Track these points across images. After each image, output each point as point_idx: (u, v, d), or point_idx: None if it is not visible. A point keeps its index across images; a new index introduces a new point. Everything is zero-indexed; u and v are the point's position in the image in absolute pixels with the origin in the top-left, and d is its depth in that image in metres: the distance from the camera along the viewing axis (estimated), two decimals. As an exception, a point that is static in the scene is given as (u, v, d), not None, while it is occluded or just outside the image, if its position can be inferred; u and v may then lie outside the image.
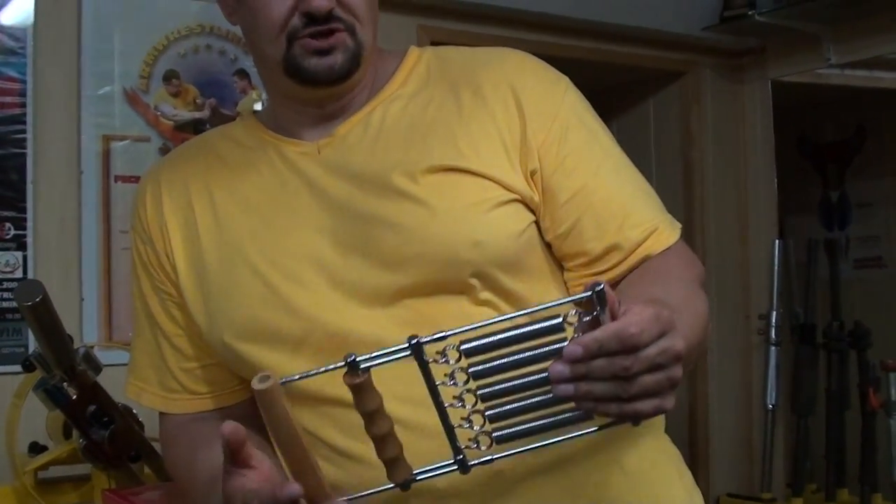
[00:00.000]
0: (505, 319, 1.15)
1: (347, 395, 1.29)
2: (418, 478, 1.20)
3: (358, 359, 1.13)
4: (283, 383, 1.12)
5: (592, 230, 1.42)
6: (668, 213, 1.49)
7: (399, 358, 1.14)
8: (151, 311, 1.56)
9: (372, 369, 1.15)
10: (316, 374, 1.17)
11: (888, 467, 4.09)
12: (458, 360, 1.13)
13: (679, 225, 1.48)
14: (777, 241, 4.42)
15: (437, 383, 1.15)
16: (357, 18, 1.41)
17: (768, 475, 4.37)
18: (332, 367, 1.15)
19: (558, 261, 1.47)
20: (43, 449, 2.37)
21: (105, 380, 2.20)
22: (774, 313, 4.37)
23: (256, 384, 1.11)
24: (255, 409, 1.54)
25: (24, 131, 2.87)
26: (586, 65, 4.00)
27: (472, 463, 1.18)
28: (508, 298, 1.40)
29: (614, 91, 4.53)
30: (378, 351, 1.14)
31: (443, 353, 1.14)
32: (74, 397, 2.14)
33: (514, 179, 1.40)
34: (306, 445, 1.15)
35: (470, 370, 1.13)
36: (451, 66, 1.51)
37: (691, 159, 4.46)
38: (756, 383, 4.48)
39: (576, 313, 1.10)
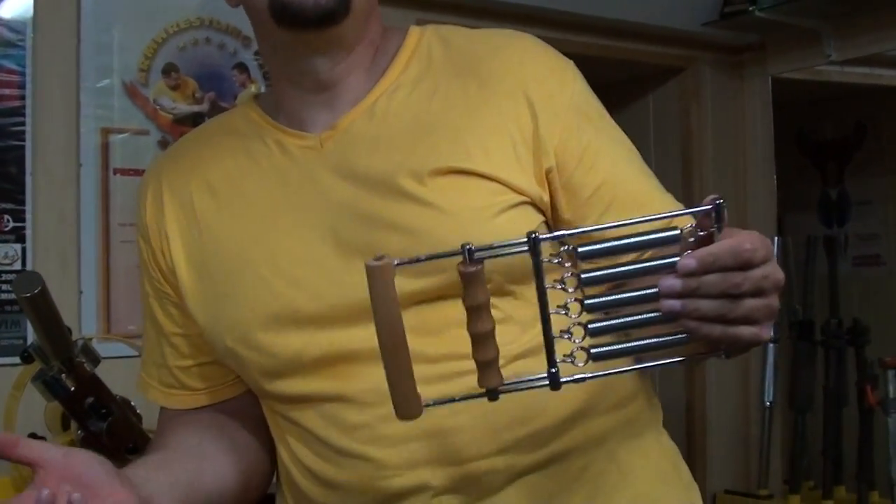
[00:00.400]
0: (623, 225, 1.13)
1: (348, 391, 1.29)
2: (507, 388, 1.15)
3: (473, 248, 1.11)
4: (397, 265, 1.10)
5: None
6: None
7: (516, 252, 1.12)
8: (151, 309, 1.55)
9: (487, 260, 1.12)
10: (431, 258, 1.14)
11: (886, 465, 4.08)
12: (575, 264, 1.11)
13: None
14: (776, 239, 4.42)
15: (546, 286, 1.12)
16: None
17: (765, 472, 4.38)
18: (448, 253, 1.13)
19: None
20: (41, 440, 2.37)
21: (103, 372, 2.20)
22: (772, 310, 4.36)
23: (370, 262, 1.09)
24: (248, 403, 1.55)
25: (23, 123, 2.87)
26: (585, 60, 3.94)
27: (564, 380, 1.13)
28: (511, 300, 1.38)
29: (613, 87, 4.52)
30: (496, 243, 1.13)
31: (557, 254, 1.12)
32: (72, 389, 2.14)
33: (523, 181, 1.38)
34: (405, 334, 1.12)
35: (582, 276, 1.11)
36: (454, 50, 1.47)
37: (690, 155, 4.46)
38: (754, 380, 4.48)
39: (692, 227, 1.10)
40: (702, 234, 1.09)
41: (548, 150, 1.38)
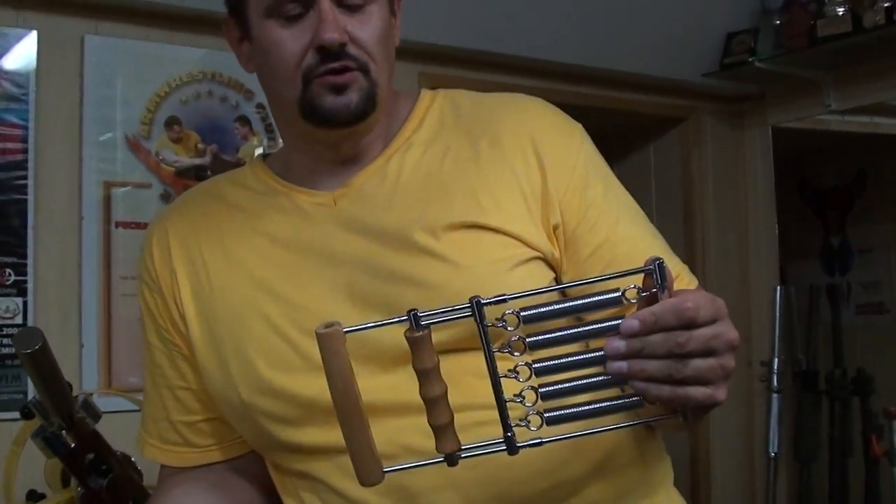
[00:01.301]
0: (565, 287, 1.16)
1: None
2: (465, 454, 1.15)
3: (419, 313, 1.12)
4: (347, 332, 1.11)
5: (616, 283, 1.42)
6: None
7: (460, 317, 1.12)
8: (157, 362, 1.55)
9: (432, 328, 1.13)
10: (376, 325, 1.15)
11: (891, 515, 4.06)
12: (517, 326, 1.12)
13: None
14: (778, 288, 4.41)
15: (493, 350, 1.13)
16: (370, 56, 1.40)
17: (771, 523, 4.35)
18: (393, 320, 1.13)
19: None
20: (41, 497, 2.35)
21: (104, 426, 2.19)
22: (776, 360, 4.35)
23: (320, 329, 1.10)
24: (251, 462, 1.54)
25: (25, 177, 2.87)
26: (587, 110, 3.99)
27: (521, 444, 1.14)
28: (527, 355, 1.39)
29: (615, 136, 4.53)
30: (440, 308, 1.13)
31: (501, 319, 1.12)
32: (73, 445, 2.12)
33: (536, 236, 1.39)
34: (360, 400, 1.13)
35: (527, 340, 1.12)
36: (465, 112, 1.50)
37: (692, 205, 4.46)
38: (758, 430, 4.45)
39: (634, 287, 1.10)
40: (645, 294, 1.09)
41: (555, 207, 1.40)
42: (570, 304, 1.12)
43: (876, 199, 4.87)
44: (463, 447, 1.15)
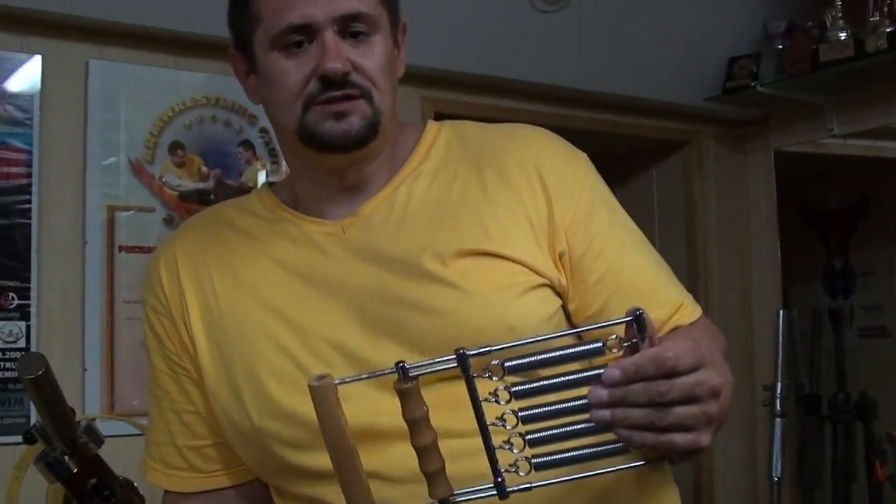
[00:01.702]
0: (551, 338, 1.18)
1: (376, 466, 1.29)
2: (458, 499, 1.19)
3: (407, 366, 1.15)
4: (338, 384, 1.14)
5: (621, 311, 1.43)
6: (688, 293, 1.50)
7: (446, 368, 1.15)
8: (163, 386, 1.55)
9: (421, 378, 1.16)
10: (367, 377, 1.19)
11: (896, 540, 4.05)
12: (502, 377, 1.15)
13: (698, 305, 1.50)
14: (781, 311, 4.41)
15: (480, 399, 1.17)
16: (373, 84, 1.42)
17: (774, 548, 4.33)
18: (382, 372, 1.17)
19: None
20: (43, 522, 2.35)
21: (106, 451, 2.18)
22: (779, 384, 4.34)
23: (313, 381, 1.14)
24: (266, 491, 1.54)
25: (29, 201, 2.88)
26: (589, 134, 4.02)
27: (511, 489, 1.17)
28: (535, 380, 1.40)
29: (617, 160, 4.53)
30: (427, 361, 1.16)
31: (486, 369, 1.15)
32: (75, 470, 2.11)
33: (543, 263, 1.41)
34: (353, 447, 1.16)
35: (512, 389, 1.15)
36: (471, 142, 1.52)
37: (694, 229, 4.46)
38: (761, 455, 4.44)
39: (616, 338, 1.12)
40: (627, 344, 1.12)
41: (560, 236, 1.42)
42: (554, 354, 1.15)
43: (878, 223, 4.86)
44: (455, 492, 1.18)
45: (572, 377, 1.14)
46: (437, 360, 1.16)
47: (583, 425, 1.14)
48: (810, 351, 4.64)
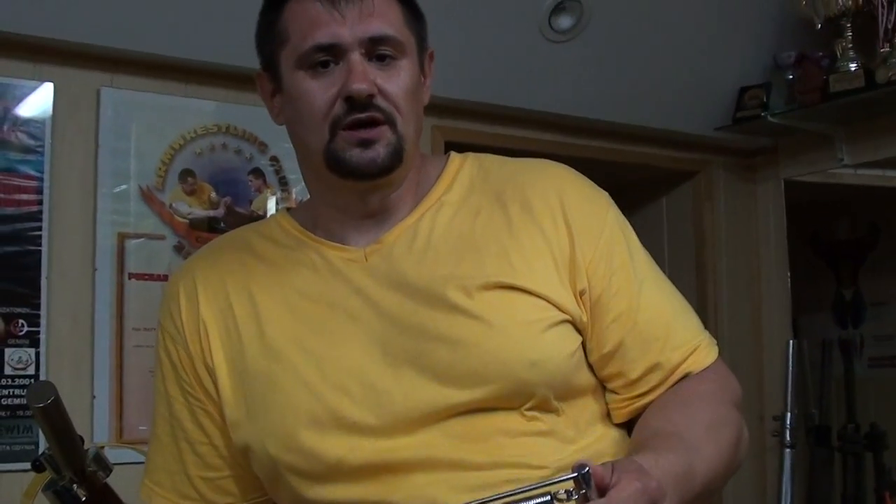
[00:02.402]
0: (501, 497, 1.16)
1: (394, 499, 1.33)
2: None
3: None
4: None
5: (636, 350, 1.44)
6: (706, 330, 1.51)
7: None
8: (176, 415, 1.53)
9: None
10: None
11: (906, 573, 4.02)
12: None
13: (715, 343, 1.50)
14: (791, 342, 4.39)
15: None
16: (397, 109, 1.42)
17: (785, 581, 4.30)
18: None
19: (599, 379, 1.48)
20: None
21: (115, 479, 2.18)
22: (789, 415, 4.32)
23: None
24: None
25: (39, 228, 2.89)
26: (600, 164, 4.02)
27: None
28: (555, 416, 1.40)
29: (628, 189, 4.51)
30: None
31: None
32: (84, 499, 2.11)
33: (566, 299, 1.42)
34: None
35: None
36: (493, 176, 1.52)
37: (704, 258, 4.46)
38: (771, 486, 4.41)
39: (564, 492, 1.13)
40: (576, 497, 1.13)
41: (581, 273, 1.42)
42: None
43: (888, 252, 4.85)
44: None
45: None
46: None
47: None
48: (820, 381, 4.62)
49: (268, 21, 1.48)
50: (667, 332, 1.45)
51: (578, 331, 1.44)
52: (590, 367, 1.47)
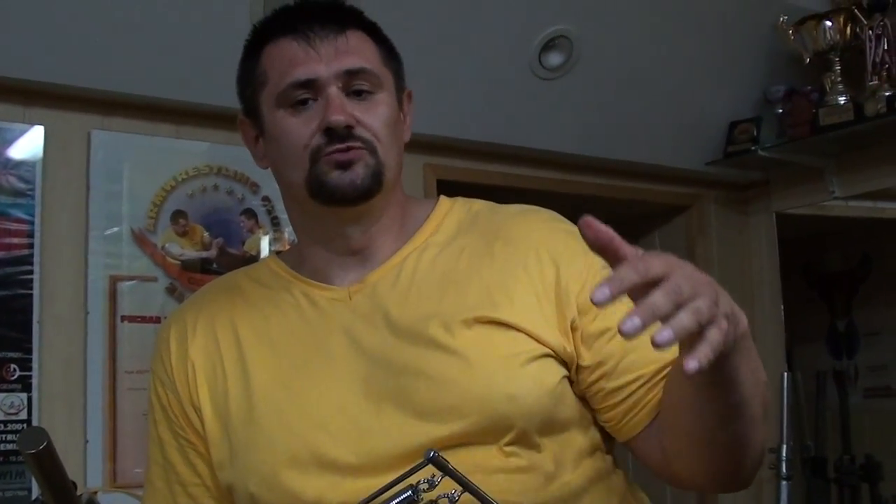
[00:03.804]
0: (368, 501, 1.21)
1: None
2: None
3: None
4: None
5: (641, 357, 1.43)
6: None
7: None
8: (168, 458, 1.55)
9: None
10: None
11: None
12: None
13: None
14: (785, 374, 4.39)
15: None
16: (376, 138, 1.45)
17: None
18: None
19: (583, 411, 1.47)
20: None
21: (108, 525, 2.18)
22: (785, 447, 4.31)
23: None
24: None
25: (31, 272, 2.87)
26: (592, 200, 4.03)
27: None
28: (535, 452, 1.40)
29: (620, 225, 4.44)
30: None
31: None
32: (77, 545, 2.10)
33: (548, 332, 1.42)
34: None
35: None
36: (481, 220, 1.54)
37: (698, 292, 4.45)
38: (768, 520, 4.41)
39: (425, 481, 1.17)
40: (426, 482, 1.17)
41: (570, 303, 1.43)
42: None
43: (881, 283, 4.86)
44: None
45: None
46: None
47: None
48: (815, 412, 4.62)
49: (248, 67, 1.53)
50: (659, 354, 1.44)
51: (563, 363, 1.44)
52: (578, 399, 1.47)
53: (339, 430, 1.40)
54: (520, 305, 1.43)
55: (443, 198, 1.60)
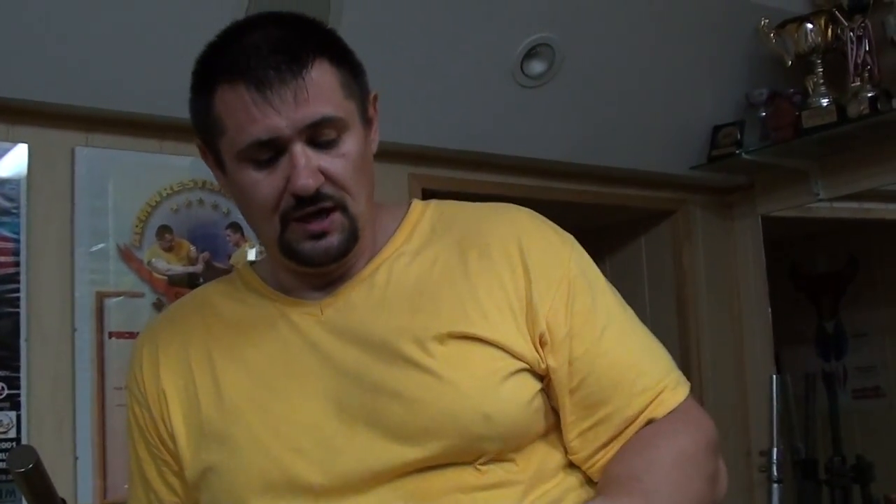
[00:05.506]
0: None
1: None
2: None
3: None
4: None
5: (596, 395, 1.41)
6: (677, 371, 1.47)
7: None
8: (146, 476, 1.54)
9: None
10: None
11: None
12: None
13: (687, 383, 1.47)
14: (774, 377, 4.39)
15: None
16: (347, 191, 1.39)
17: None
18: None
19: (558, 420, 1.45)
20: None
21: (98, 542, 2.17)
22: (775, 449, 4.32)
23: None
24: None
25: (17, 290, 2.87)
26: (577, 206, 4.04)
27: None
28: (512, 465, 1.38)
29: (606, 230, 4.55)
30: None
31: None
32: (67, 563, 2.10)
33: (523, 346, 1.39)
34: None
35: None
36: (455, 222, 1.50)
37: (685, 295, 4.46)
38: (760, 523, 4.41)
39: None
40: None
41: (539, 318, 1.40)
42: None
43: (868, 284, 4.86)
44: None
45: None
46: None
47: None
48: (805, 414, 4.62)
49: (201, 105, 1.42)
50: (627, 379, 1.42)
51: (538, 377, 1.42)
52: (553, 411, 1.45)
53: (312, 451, 1.38)
54: (495, 320, 1.40)
55: (415, 202, 1.56)
